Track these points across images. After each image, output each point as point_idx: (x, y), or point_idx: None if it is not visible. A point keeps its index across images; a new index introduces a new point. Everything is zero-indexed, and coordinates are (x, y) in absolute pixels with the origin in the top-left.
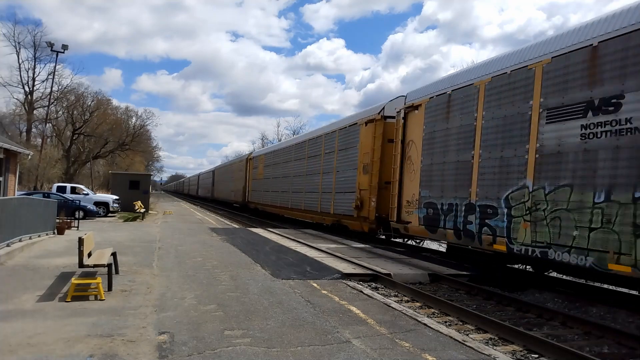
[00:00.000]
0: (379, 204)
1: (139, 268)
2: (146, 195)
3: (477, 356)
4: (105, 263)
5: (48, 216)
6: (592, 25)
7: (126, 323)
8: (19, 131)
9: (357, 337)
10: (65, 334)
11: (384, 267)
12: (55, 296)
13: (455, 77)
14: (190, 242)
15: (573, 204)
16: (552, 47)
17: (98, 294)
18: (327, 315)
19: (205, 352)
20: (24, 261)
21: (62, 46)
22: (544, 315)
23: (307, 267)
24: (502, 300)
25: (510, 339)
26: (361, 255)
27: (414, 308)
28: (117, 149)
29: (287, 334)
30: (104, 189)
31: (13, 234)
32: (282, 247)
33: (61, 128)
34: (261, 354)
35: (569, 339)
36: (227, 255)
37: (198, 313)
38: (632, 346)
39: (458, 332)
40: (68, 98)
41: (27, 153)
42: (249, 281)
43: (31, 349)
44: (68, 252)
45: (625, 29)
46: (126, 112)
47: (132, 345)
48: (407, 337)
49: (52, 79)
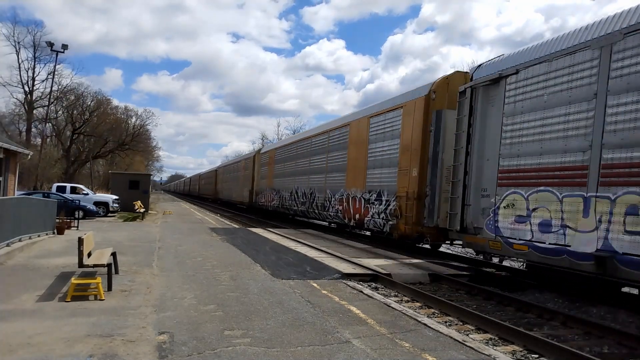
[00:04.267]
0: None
1: (139, 268)
2: (146, 195)
3: (477, 356)
4: (105, 263)
5: (48, 216)
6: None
7: (126, 323)
8: (18, 131)
9: (357, 337)
10: (65, 334)
11: (384, 267)
12: (55, 296)
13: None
14: (190, 242)
15: None
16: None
17: (98, 294)
18: (327, 315)
19: (205, 352)
20: (23, 261)
21: (62, 46)
22: (544, 315)
23: (307, 267)
24: (503, 300)
25: (511, 339)
26: (361, 255)
27: (414, 308)
28: (117, 149)
29: (287, 334)
30: (103, 189)
31: (13, 234)
32: (282, 247)
33: (61, 128)
34: (261, 354)
35: (569, 339)
36: (227, 255)
37: (198, 313)
38: (632, 346)
39: (458, 332)
40: (68, 98)
41: (27, 153)
42: (249, 281)
43: (31, 349)
44: (68, 252)
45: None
46: (126, 111)
47: (131, 345)
48: (407, 337)
49: (52, 79)
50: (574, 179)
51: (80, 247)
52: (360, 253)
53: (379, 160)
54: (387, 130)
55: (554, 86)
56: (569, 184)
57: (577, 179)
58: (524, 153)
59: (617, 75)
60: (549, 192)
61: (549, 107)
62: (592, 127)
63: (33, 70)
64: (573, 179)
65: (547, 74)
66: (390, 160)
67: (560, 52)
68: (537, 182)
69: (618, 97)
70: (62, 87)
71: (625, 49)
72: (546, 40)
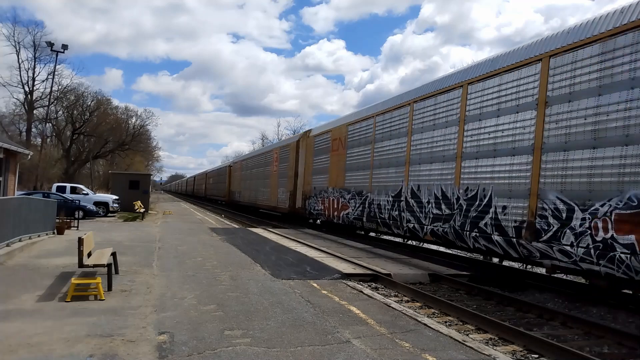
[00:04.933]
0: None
1: (139, 268)
2: (146, 195)
3: (477, 356)
4: (105, 263)
5: (48, 216)
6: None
7: (126, 323)
8: (18, 131)
9: (357, 337)
10: (65, 334)
11: (384, 267)
12: (55, 296)
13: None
14: (190, 242)
15: None
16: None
17: (98, 294)
18: (327, 316)
19: (205, 352)
20: (23, 261)
21: (62, 46)
22: (544, 315)
23: (307, 267)
24: (503, 300)
25: (511, 339)
26: (361, 255)
27: (414, 308)
28: (117, 149)
29: (287, 334)
30: (103, 189)
31: (13, 234)
32: (282, 247)
33: (61, 128)
34: (261, 354)
35: (569, 339)
36: (227, 255)
37: (198, 313)
38: (632, 346)
39: (458, 332)
40: (68, 98)
41: (27, 153)
42: (249, 281)
43: (31, 349)
44: (68, 252)
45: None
46: (126, 112)
47: (132, 345)
48: (407, 337)
49: (52, 79)
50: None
51: (80, 247)
52: (360, 253)
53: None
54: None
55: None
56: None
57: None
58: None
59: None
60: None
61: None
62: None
63: (33, 71)
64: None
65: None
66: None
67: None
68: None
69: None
70: (62, 87)
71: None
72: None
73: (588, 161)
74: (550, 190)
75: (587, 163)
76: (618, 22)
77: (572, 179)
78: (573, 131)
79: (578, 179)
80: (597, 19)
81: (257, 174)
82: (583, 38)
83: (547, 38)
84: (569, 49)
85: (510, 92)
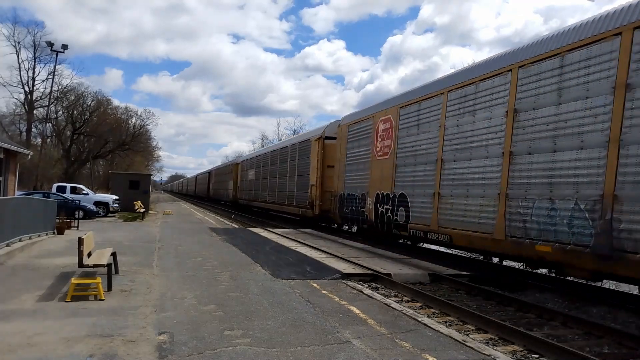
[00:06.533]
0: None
1: (139, 268)
2: (146, 195)
3: (478, 356)
4: (105, 263)
5: (48, 216)
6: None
7: (126, 323)
8: (18, 131)
9: (357, 337)
10: (65, 334)
11: (384, 267)
12: (55, 296)
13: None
14: (190, 242)
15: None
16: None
17: (98, 294)
18: (327, 316)
19: (205, 352)
20: (23, 261)
21: (61, 46)
22: (544, 315)
23: (307, 267)
24: (503, 300)
25: (511, 339)
26: (361, 255)
27: (414, 308)
28: (117, 149)
29: (287, 334)
30: (104, 189)
31: (13, 234)
32: (282, 247)
33: (61, 128)
34: (261, 354)
35: (569, 339)
36: (227, 255)
37: (198, 313)
38: (632, 346)
39: (458, 332)
40: (68, 98)
41: (27, 153)
42: (249, 281)
43: (31, 349)
44: (68, 252)
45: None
46: (126, 112)
47: (132, 345)
48: (407, 337)
49: (52, 79)
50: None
51: (80, 247)
52: (360, 253)
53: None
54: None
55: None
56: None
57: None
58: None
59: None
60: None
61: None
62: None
63: (33, 71)
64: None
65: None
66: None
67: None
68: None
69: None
70: (63, 87)
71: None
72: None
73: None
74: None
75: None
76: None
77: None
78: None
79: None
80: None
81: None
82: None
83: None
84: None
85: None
